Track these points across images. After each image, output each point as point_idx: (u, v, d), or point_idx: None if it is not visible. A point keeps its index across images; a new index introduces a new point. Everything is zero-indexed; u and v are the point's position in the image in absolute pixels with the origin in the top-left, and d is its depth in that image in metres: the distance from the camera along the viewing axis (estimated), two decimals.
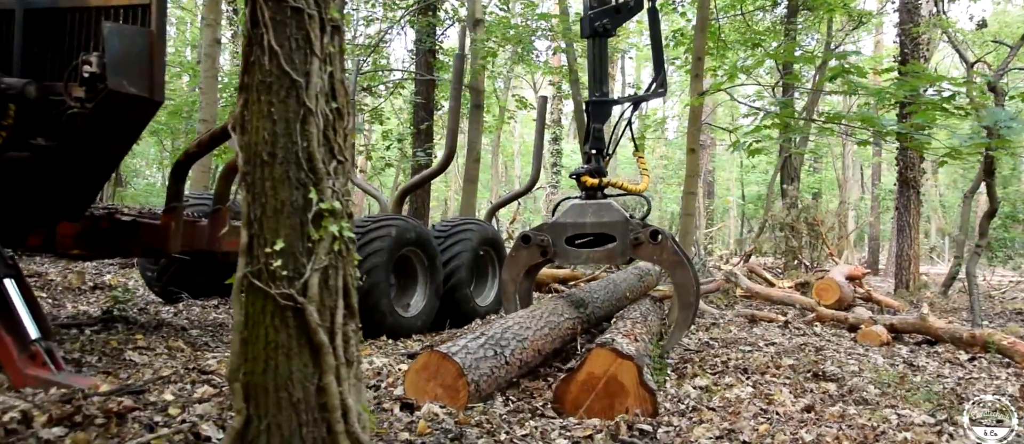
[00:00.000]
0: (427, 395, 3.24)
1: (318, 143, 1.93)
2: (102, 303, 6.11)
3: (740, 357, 5.44)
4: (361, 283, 5.19)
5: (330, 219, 1.92)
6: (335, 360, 1.89)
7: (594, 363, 3.29)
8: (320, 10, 1.98)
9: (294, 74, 1.92)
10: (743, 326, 7.76)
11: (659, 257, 4.79)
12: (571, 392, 3.28)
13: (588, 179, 5.09)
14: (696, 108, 7.51)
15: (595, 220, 4.92)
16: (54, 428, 2.42)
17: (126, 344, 4.27)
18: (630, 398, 3.21)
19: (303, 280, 1.87)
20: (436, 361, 3.28)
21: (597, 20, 5.20)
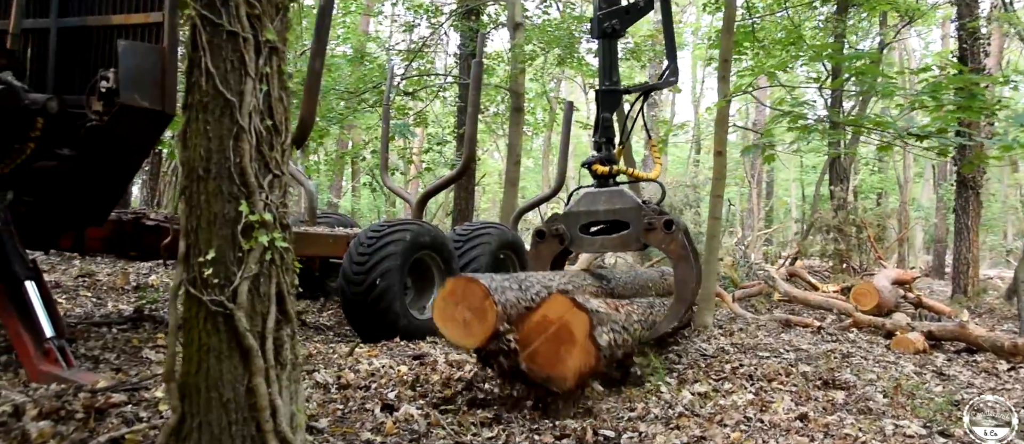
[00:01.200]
0: (453, 322, 3.28)
1: (250, 158, 2.05)
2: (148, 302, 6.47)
3: (754, 363, 5.39)
4: (378, 284, 5.36)
5: (261, 230, 2.04)
6: (264, 363, 2.01)
7: (550, 307, 3.31)
8: (255, 33, 2.11)
9: (228, 94, 2.06)
10: (773, 331, 7.64)
11: (667, 246, 4.80)
12: (525, 330, 3.29)
13: (599, 167, 5.14)
14: (723, 110, 7.42)
15: (608, 207, 4.96)
16: (41, 422, 2.63)
17: (146, 342, 4.53)
18: (576, 349, 3.21)
19: (233, 287, 2.00)
20: (462, 286, 3.31)
21: (606, 21, 5.23)
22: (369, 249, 5.44)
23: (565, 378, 3.17)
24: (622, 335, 3.81)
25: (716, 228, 7.53)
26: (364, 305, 5.38)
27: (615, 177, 5.14)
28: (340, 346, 5.00)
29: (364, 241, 5.52)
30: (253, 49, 2.10)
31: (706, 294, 7.43)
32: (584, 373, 3.20)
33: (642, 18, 5.63)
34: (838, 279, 11.43)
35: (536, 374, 3.23)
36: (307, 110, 4.72)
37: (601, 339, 3.27)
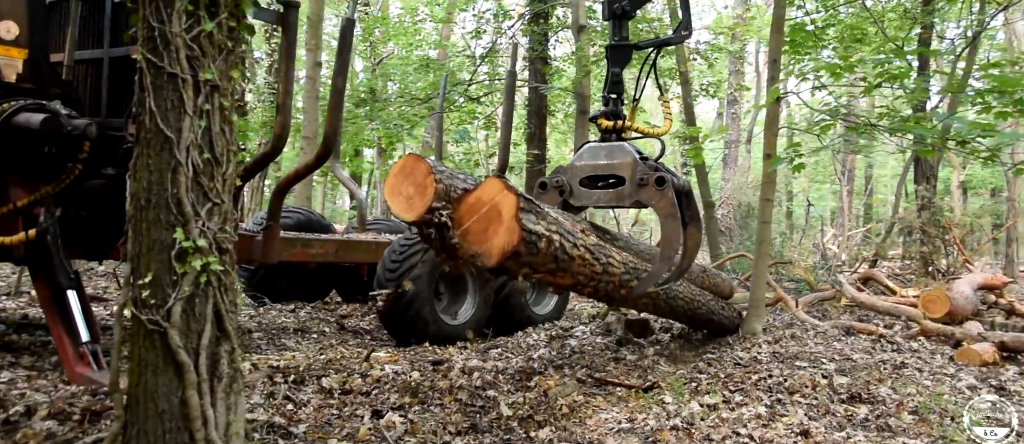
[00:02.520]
0: (399, 196, 3.36)
1: (186, 189, 2.24)
2: None
3: (786, 373, 5.24)
4: (408, 290, 5.55)
5: (195, 256, 2.23)
6: (197, 377, 2.20)
7: (485, 189, 3.37)
8: (194, 74, 2.30)
9: (168, 131, 2.26)
10: (831, 338, 7.36)
11: (657, 203, 4.71)
12: (461, 210, 3.37)
13: (603, 121, 5.13)
14: (772, 112, 7.20)
15: (607, 162, 4.94)
16: (47, 421, 2.94)
17: None
18: (502, 228, 3.26)
19: (167, 308, 2.20)
20: (411, 163, 3.41)
21: (615, 2, 5.20)
22: (400, 257, 5.65)
23: (490, 255, 3.25)
24: (569, 244, 3.78)
25: (765, 232, 7.32)
26: (395, 311, 5.59)
27: (620, 132, 5.11)
28: (380, 352, 5.22)
29: (397, 249, 5.73)
30: (192, 88, 2.29)
31: (755, 300, 7.24)
32: (507, 251, 3.24)
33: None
34: (920, 283, 10.81)
35: (465, 250, 3.31)
36: (331, 126, 4.96)
37: (528, 223, 3.30)
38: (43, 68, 4.65)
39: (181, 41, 2.28)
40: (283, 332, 5.73)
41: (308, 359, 4.77)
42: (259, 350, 5.05)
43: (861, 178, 23.56)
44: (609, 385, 4.73)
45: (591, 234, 4.28)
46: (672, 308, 5.63)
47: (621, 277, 4.50)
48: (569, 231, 3.85)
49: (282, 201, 5.34)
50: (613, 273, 4.39)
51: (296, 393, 3.79)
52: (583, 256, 3.98)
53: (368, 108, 10.96)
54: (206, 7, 2.35)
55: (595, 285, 4.36)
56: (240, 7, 2.45)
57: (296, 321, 6.18)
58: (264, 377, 4.03)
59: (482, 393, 4.24)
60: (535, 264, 3.64)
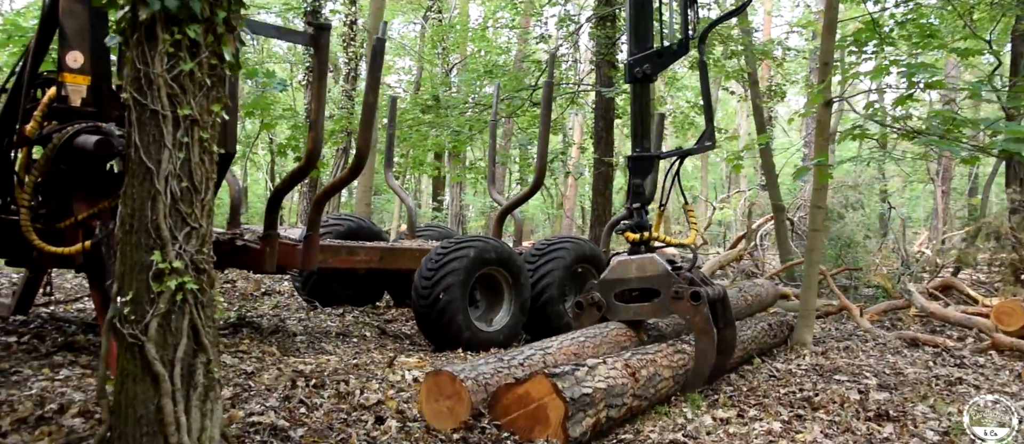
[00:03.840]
0: (442, 415, 3.56)
1: (164, 216, 2.48)
2: (269, 307, 7.36)
3: (818, 388, 5.13)
4: (441, 298, 5.74)
5: (171, 276, 2.46)
6: (172, 386, 2.43)
7: (533, 386, 3.50)
8: (174, 110, 2.53)
9: (149, 162, 2.50)
10: (891, 350, 7.08)
11: (692, 318, 4.82)
12: (506, 399, 3.51)
13: (630, 235, 5.22)
14: (823, 119, 6.99)
15: (639, 274, 5.02)
16: (75, 419, 3.26)
17: (229, 348, 5.24)
18: (549, 431, 3.39)
19: (144, 323, 2.43)
20: (432, 380, 3.64)
21: (637, 66, 5.24)
22: (436, 265, 5.85)
23: None
24: (617, 408, 3.86)
25: (816, 241, 7.12)
26: (430, 318, 5.79)
27: (648, 243, 5.18)
28: (402, 357, 5.43)
29: (433, 257, 5.93)
30: (171, 123, 2.52)
31: (805, 310, 7.06)
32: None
33: (676, 61, 5.54)
34: (1007, 293, 10.16)
35: (509, 435, 3.44)
36: (363, 141, 5.20)
37: (573, 430, 3.40)
38: (105, 93, 5.08)
39: (162, 80, 2.52)
40: (325, 336, 6.02)
41: (340, 362, 5.02)
42: (297, 353, 5.34)
43: (960, 177, 22.25)
44: None
45: (642, 370, 4.33)
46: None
47: (670, 389, 4.63)
48: (618, 393, 3.93)
49: (321, 212, 5.62)
50: (660, 394, 4.51)
51: (313, 397, 4.03)
52: (630, 406, 4.08)
53: (433, 115, 11.25)
54: (187, 48, 2.58)
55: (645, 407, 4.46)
56: (221, 47, 2.66)
57: (340, 325, 6.47)
58: (287, 380, 4.29)
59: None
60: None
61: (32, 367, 4.42)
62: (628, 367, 4.18)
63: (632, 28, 5.39)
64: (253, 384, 4.19)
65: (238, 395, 3.94)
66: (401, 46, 20.12)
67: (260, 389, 4.09)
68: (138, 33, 2.55)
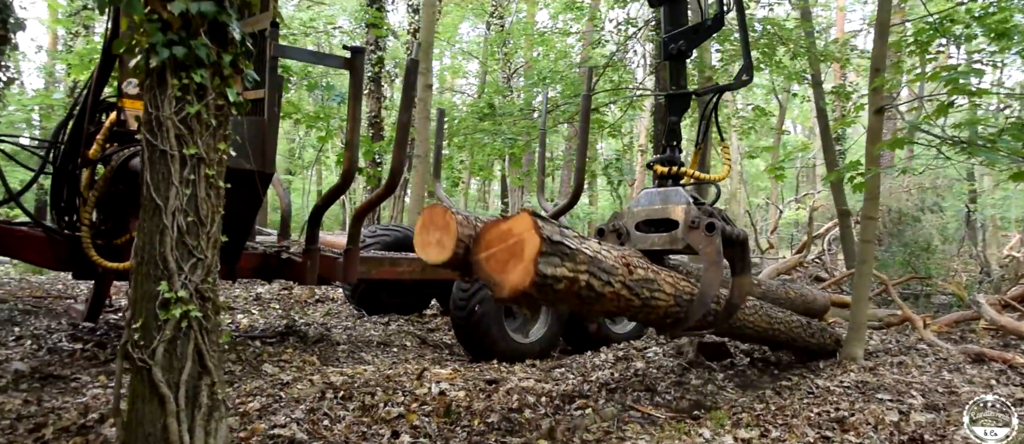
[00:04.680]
0: (430, 246, 3.52)
1: (171, 248, 2.68)
2: (321, 315, 7.67)
3: (856, 408, 4.99)
4: (477, 310, 5.87)
5: (177, 305, 2.66)
6: (177, 407, 2.63)
7: (516, 222, 3.40)
8: (181, 149, 2.73)
9: (158, 199, 2.70)
10: (948, 366, 6.79)
11: (704, 248, 4.64)
12: (490, 235, 3.43)
13: (658, 167, 5.18)
14: (875, 125, 6.76)
15: (661, 206, 4.99)
16: (112, 429, 3.53)
17: (273, 357, 5.51)
18: (520, 267, 3.29)
19: (152, 348, 2.64)
20: (428, 214, 3.58)
21: (672, 42, 5.21)
22: None
23: (502, 288, 3.28)
24: (600, 282, 3.77)
25: (867, 252, 6.89)
26: (466, 328, 5.93)
27: (676, 178, 5.13)
28: (436, 368, 5.59)
29: None
30: (178, 162, 2.72)
31: (855, 323, 6.84)
32: (517, 290, 3.27)
33: (710, 37, 5.49)
34: None
35: (485, 272, 3.39)
36: (397, 160, 5.37)
37: (546, 268, 3.31)
38: None
39: (170, 123, 2.72)
40: (367, 345, 6.24)
41: (375, 373, 5.21)
42: (336, 363, 5.56)
43: None
44: (649, 414, 4.77)
45: (640, 269, 4.29)
46: (742, 334, 5.53)
47: (668, 309, 4.51)
48: (605, 269, 3.88)
49: (360, 226, 5.83)
50: (657, 306, 4.41)
51: (337, 410, 4.22)
52: (617, 292, 4.00)
53: (490, 122, 11.41)
54: (194, 92, 2.78)
55: (635, 315, 4.41)
56: (227, 88, 2.85)
57: (383, 334, 6.68)
58: (318, 392, 4.50)
59: (513, 416, 4.46)
60: (556, 298, 3.72)
61: (90, 374, 4.78)
62: (624, 259, 4.08)
63: (667, 6, 5.36)
64: (284, 395, 4.41)
65: (267, 406, 4.16)
66: (466, 52, 20.40)
67: (290, 400, 4.31)
68: (150, 79, 2.76)
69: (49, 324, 6.10)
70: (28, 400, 4.05)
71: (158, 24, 2.72)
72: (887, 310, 9.75)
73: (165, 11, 2.72)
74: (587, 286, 3.70)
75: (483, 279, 3.47)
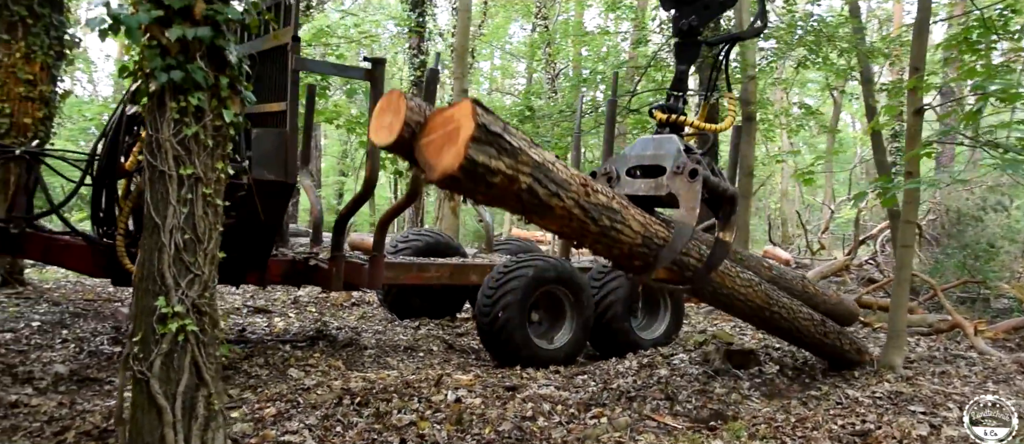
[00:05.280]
0: (382, 130, 3.36)
1: (168, 265, 2.80)
2: (355, 318, 7.83)
3: (882, 421, 4.85)
4: (500, 316, 5.91)
5: (174, 319, 2.78)
6: (173, 417, 2.75)
7: (459, 109, 3.32)
8: (178, 170, 2.85)
9: (156, 217, 2.83)
10: (992, 376, 6.52)
11: (683, 193, 4.54)
12: (435, 122, 3.35)
13: (659, 114, 5.11)
14: (913, 126, 6.53)
15: (653, 152, 4.90)
16: None
17: (301, 361, 5.66)
18: (453, 150, 3.23)
19: (150, 361, 2.76)
20: (387, 99, 3.44)
21: (683, 18, 5.13)
22: (496, 284, 6.03)
23: (433, 171, 3.23)
24: (547, 192, 3.66)
25: (905, 257, 6.66)
26: (490, 334, 5.99)
27: (674, 125, 5.05)
28: (458, 374, 5.65)
29: (494, 276, 6.11)
30: (176, 183, 2.84)
31: (893, 331, 6.63)
32: (446, 174, 3.20)
33: (722, 14, 5.41)
34: None
35: (422, 157, 3.32)
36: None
37: (476, 155, 3.23)
38: None
39: (169, 144, 2.84)
40: (394, 350, 6.34)
41: (397, 378, 5.29)
42: (361, 367, 5.68)
43: None
44: (665, 424, 4.73)
45: (601, 195, 4.10)
46: (730, 305, 5.35)
47: (634, 247, 4.36)
48: (555, 180, 3.72)
49: (384, 234, 5.94)
50: (620, 240, 4.27)
51: (351, 416, 4.31)
52: (568, 210, 3.85)
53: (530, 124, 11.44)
54: (192, 114, 2.89)
55: (594, 244, 4.26)
56: (224, 109, 2.96)
57: (411, 339, 6.78)
58: (335, 398, 4.61)
59: (526, 425, 4.48)
60: (492, 196, 3.58)
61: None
62: (584, 181, 3.95)
63: None
64: (302, 401, 4.53)
65: (283, 412, 4.29)
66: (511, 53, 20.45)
67: (307, 406, 4.43)
68: (151, 102, 2.88)
69: (95, 327, 6.39)
70: (62, 402, 4.26)
71: (157, 50, 2.84)
72: (939, 315, 9.41)
73: (164, 37, 2.84)
74: (529, 191, 3.58)
75: (421, 165, 3.36)
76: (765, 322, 5.55)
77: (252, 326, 7.06)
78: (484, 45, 22.64)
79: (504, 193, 3.49)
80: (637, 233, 4.32)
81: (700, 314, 9.09)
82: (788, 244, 19.11)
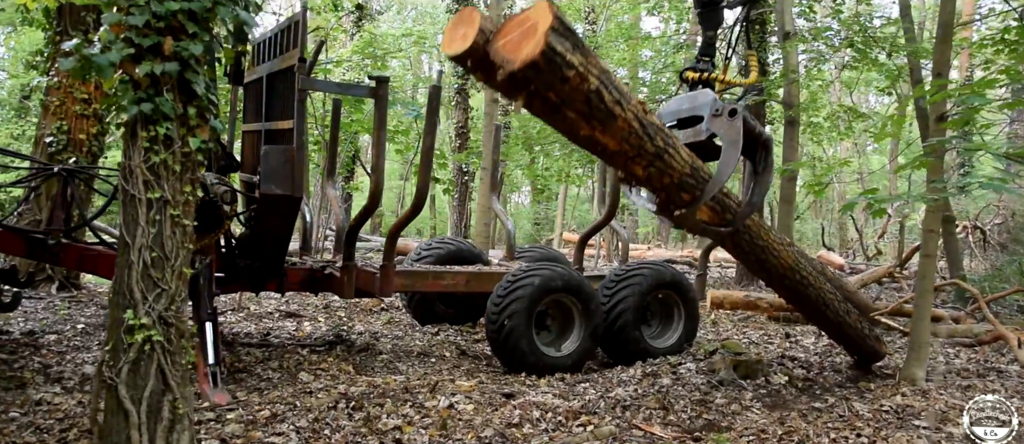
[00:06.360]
0: (456, 41, 3.48)
1: (136, 281, 3.07)
2: (382, 323, 8.11)
3: (877, 436, 4.77)
4: (506, 325, 6.06)
5: (141, 330, 3.04)
6: (139, 420, 3.01)
7: (534, 9, 3.43)
8: (147, 194, 3.12)
9: (127, 238, 3.10)
10: (1021, 391, 6.26)
11: (725, 131, 4.66)
12: (509, 24, 3.47)
13: (690, 73, 5.29)
14: (936, 135, 6.33)
15: (689, 106, 5.03)
16: None
17: (315, 365, 5.94)
18: (533, 41, 3.34)
19: (118, 368, 3.04)
20: (459, 14, 3.61)
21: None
22: (504, 292, 6.18)
23: (514, 62, 3.33)
24: (611, 98, 3.73)
25: (928, 267, 6.47)
26: (498, 342, 6.15)
27: (705, 82, 5.20)
28: (461, 380, 5.83)
29: (503, 284, 6.27)
30: (145, 205, 3.11)
31: (915, 342, 6.46)
32: (528, 60, 3.30)
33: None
34: None
35: (498, 57, 3.42)
36: (422, 182, 5.66)
37: (556, 43, 3.36)
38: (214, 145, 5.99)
39: (140, 170, 3.11)
40: (407, 355, 6.57)
41: (401, 383, 5.51)
42: (372, 372, 5.93)
43: None
44: (651, 434, 4.77)
45: (655, 118, 4.19)
46: (763, 261, 5.38)
47: (683, 177, 4.44)
48: (618, 89, 3.83)
49: (395, 244, 6.18)
50: (672, 166, 4.34)
51: (341, 419, 4.54)
52: (629, 123, 3.92)
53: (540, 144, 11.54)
54: (162, 142, 3.16)
55: (648, 167, 4.31)
56: (192, 137, 3.21)
57: (426, 345, 6.99)
58: (331, 401, 4.85)
59: (511, 431, 4.62)
60: (563, 95, 3.64)
61: None
62: (639, 101, 4.07)
63: None
64: (300, 404, 4.79)
65: (278, 414, 4.55)
66: None
67: (302, 409, 4.68)
68: (124, 131, 3.17)
69: None
70: (82, 401, 4.64)
71: (129, 84, 3.12)
72: (985, 325, 9.04)
73: (135, 73, 3.11)
74: (597, 93, 3.67)
75: (499, 63, 3.46)
76: (793, 288, 5.59)
77: (280, 330, 7.41)
78: None
79: (574, 93, 3.57)
80: (686, 162, 4.43)
81: (724, 324, 9.00)
82: (847, 250, 18.54)
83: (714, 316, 9.49)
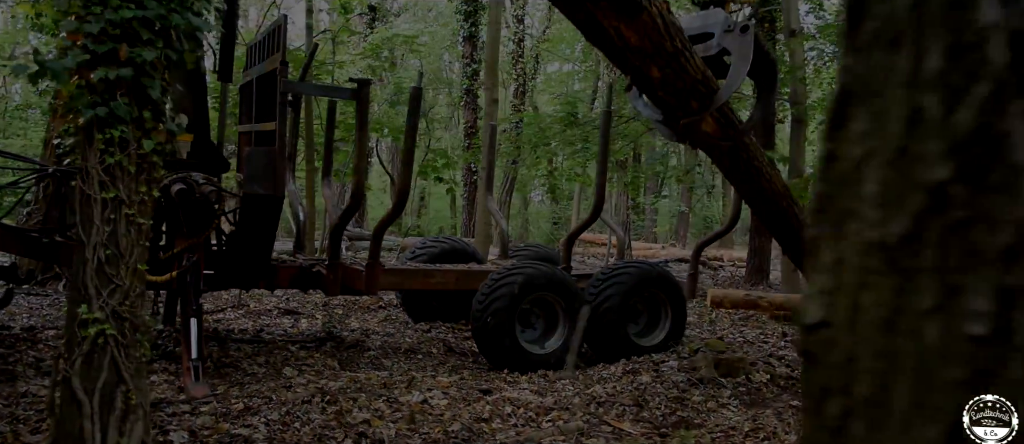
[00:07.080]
0: None
1: (90, 277, 3.21)
2: (377, 321, 8.25)
3: None
4: (490, 322, 6.14)
5: (94, 324, 3.18)
6: (91, 410, 3.15)
7: None
8: (102, 194, 3.26)
9: (83, 236, 3.24)
10: None
11: (737, 47, 4.70)
12: None
13: None
14: None
15: (701, 22, 5.11)
16: None
17: (300, 361, 6.08)
18: None
19: (72, 360, 3.18)
20: None
21: None
22: (488, 290, 6.27)
23: None
24: None
25: None
26: (482, 338, 6.24)
27: (717, 2, 5.29)
28: (441, 376, 5.92)
29: (488, 282, 6.36)
30: (99, 205, 3.25)
31: None
32: None
33: None
34: None
35: None
36: (402, 183, 5.77)
37: None
38: (204, 146, 6.16)
39: (95, 171, 3.25)
40: (395, 352, 6.68)
41: (383, 378, 5.62)
42: (355, 368, 6.05)
43: None
44: (619, 429, 4.82)
45: (674, 18, 4.32)
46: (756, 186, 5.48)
47: (694, 81, 4.51)
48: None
49: (380, 243, 6.30)
50: (688, 69, 4.42)
51: (313, 413, 4.66)
52: (653, 17, 4.01)
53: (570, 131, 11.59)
54: (117, 144, 3.30)
55: (664, 68, 4.38)
56: (147, 139, 3.35)
57: (415, 341, 7.10)
58: (307, 396, 4.97)
59: (478, 425, 4.70)
60: None
61: None
62: (665, 2, 4.19)
63: None
64: (276, 398, 4.92)
65: (251, 408, 4.68)
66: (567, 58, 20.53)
67: (277, 403, 4.81)
68: (80, 135, 3.31)
69: None
70: None
71: (85, 89, 3.26)
72: None
73: (90, 77, 3.25)
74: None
75: None
76: (780, 214, 5.63)
77: (277, 326, 7.57)
78: (556, 50, 22.85)
79: None
80: (699, 68, 4.52)
81: (723, 323, 8.98)
82: None
83: (714, 315, 9.47)
